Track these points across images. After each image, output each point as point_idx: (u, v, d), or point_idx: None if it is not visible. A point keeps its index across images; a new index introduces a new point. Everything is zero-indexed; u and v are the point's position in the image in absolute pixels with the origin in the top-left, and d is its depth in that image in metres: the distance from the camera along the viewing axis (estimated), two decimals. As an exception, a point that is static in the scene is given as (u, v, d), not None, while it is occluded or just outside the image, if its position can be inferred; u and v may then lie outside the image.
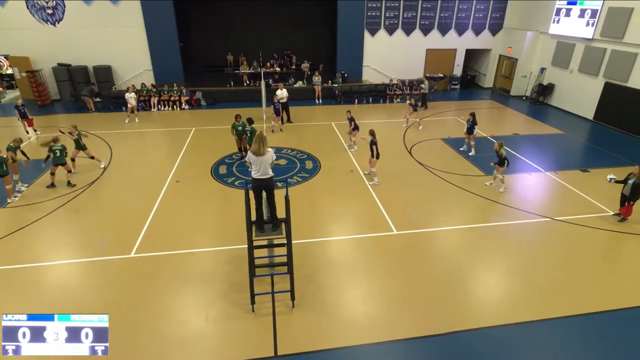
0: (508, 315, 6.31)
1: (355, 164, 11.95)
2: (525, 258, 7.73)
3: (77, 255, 7.75)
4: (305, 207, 9.33)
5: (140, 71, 19.06)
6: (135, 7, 17.85)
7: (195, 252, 7.80)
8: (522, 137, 14.62)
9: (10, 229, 8.47)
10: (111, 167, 11.62)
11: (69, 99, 18.15)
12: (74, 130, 10.97)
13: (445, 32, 20.98)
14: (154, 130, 15.41)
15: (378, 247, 8.05)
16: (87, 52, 18.21)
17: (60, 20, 17.67)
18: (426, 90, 17.89)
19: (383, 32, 20.51)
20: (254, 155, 6.25)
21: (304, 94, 19.22)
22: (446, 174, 11.29)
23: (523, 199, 10.01)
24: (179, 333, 5.92)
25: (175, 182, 10.67)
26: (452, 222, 9.00)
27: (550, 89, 18.91)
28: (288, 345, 5.73)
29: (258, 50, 20.17)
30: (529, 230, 8.68)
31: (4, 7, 17.03)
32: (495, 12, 20.92)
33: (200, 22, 21.46)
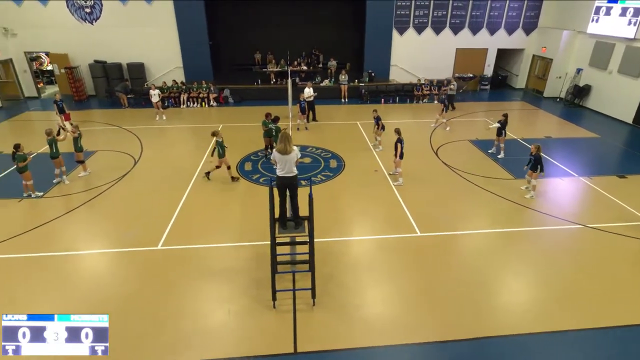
0: (532, 324, 6.10)
1: (380, 163, 11.86)
2: (553, 266, 7.45)
3: (106, 245, 8.06)
4: (328, 206, 9.34)
5: (171, 68, 19.57)
6: (168, 6, 18.34)
7: (219, 247, 7.95)
8: (554, 140, 14.11)
9: (46, 218, 8.88)
10: (141, 162, 11.98)
11: (104, 94, 18.87)
12: (76, 130, 10.80)
13: (477, 31, 20.50)
14: (183, 126, 15.79)
15: (400, 248, 7.96)
16: (122, 49, 18.87)
17: (98, 19, 18.38)
18: (454, 92, 17.52)
19: (412, 31, 20.25)
20: (279, 154, 6.30)
21: (330, 93, 19.23)
22: (473, 176, 11.03)
23: (554, 204, 9.66)
24: (201, 325, 6.04)
25: (202, 177, 10.89)
26: (478, 225, 8.80)
27: (587, 91, 18.14)
28: (308, 342, 5.75)
29: (286, 49, 20.32)
30: (559, 237, 8.37)
31: (46, 7, 17.85)
32: (529, 10, 20.26)
33: (230, 21, 21.80)
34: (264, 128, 11.93)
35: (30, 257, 7.58)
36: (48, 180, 10.43)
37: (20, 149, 9.37)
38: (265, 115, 11.95)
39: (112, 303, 6.43)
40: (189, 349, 5.65)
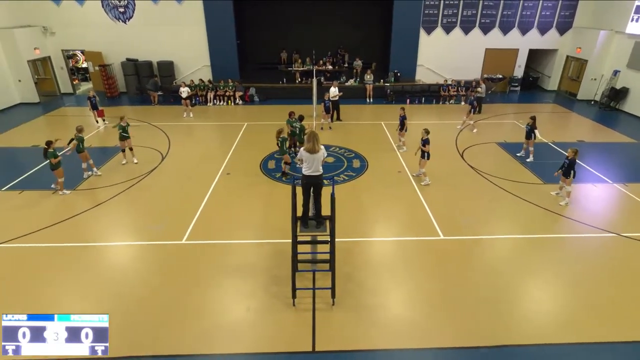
0: (558, 334, 5.89)
1: (403, 164, 11.73)
2: (583, 275, 7.17)
3: (133, 238, 8.31)
4: (350, 206, 9.31)
5: (199, 67, 19.95)
6: (197, 6, 18.71)
7: (241, 243, 8.06)
8: (588, 144, 13.56)
9: (76, 210, 9.22)
10: (168, 157, 12.28)
11: (134, 92, 19.45)
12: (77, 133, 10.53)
13: (507, 31, 19.94)
14: (209, 123, 16.08)
15: (423, 251, 7.85)
16: (152, 48, 19.38)
17: (131, 18, 18.96)
18: (483, 94, 16.99)
19: (440, 30, 19.90)
20: (307, 153, 6.32)
21: (355, 93, 19.15)
22: (500, 179, 10.75)
23: (586, 210, 9.29)
24: (221, 321, 6.14)
25: (226, 174, 11.07)
26: (503, 230, 8.57)
27: (624, 94, 17.35)
28: (326, 342, 5.75)
29: (311, 48, 20.37)
30: (591, 245, 8.05)
31: (82, 7, 18.56)
32: (564, 10, 19.54)
33: (257, 20, 22.05)
34: (290, 128, 11.96)
35: (59, 247, 7.90)
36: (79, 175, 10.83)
37: (52, 146, 9.45)
38: (289, 114, 12.01)
39: (136, 294, 6.63)
40: (209, 342, 5.75)
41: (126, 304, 6.40)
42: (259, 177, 11.00)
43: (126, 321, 6.04)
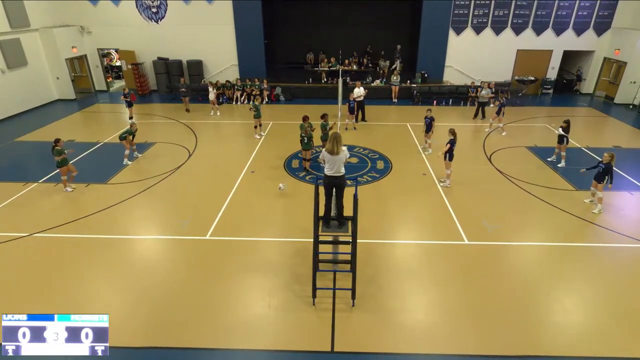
0: (588, 347, 5.67)
1: (428, 167, 11.55)
2: (615, 286, 6.86)
3: (159, 232, 8.54)
4: (373, 207, 9.25)
5: (227, 66, 20.28)
6: (227, 6, 19.03)
7: (263, 241, 8.15)
8: (624, 150, 12.95)
9: (106, 204, 9.55)
10: (195, 154, 12.55)
11: (164, 90, 19.98)
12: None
13: (541, 31, 19.29)
14: (235, 122, 16.33)
15: (446, 255, 7.70)
16: (183, 47, 19.84)
17: (163, 18, 19.48)
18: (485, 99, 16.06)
19: (470, 31, 19.47)
20: (328, 154, 6.33)
21: (380, 93, 19.02)
22: (529, 185, 10.43)
23: (621, 219, 8.88)
24: (242, 316, 6.22)
25: (250, 172, 11.21)
26: (531, 237, 8.31)
27: (666, 98, 16.50)
28: (345, 342, 5.74)
29: (338, 48, 20.35)
30: (625, 256, 7.69)
31: (118, 7, 19.22)
32: (602, 10, 18.72)
33: (284, 21, 22.21)
34: (323, 131, 11.76)
35: (87, 238, 8.21)
36: (114, 166, 11.25)
37: (59, 144, 9.78)
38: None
39: (162, 288, 6.81)
40: (230, 337, 5.84)
41: (151, 296, 6.58)
42: (283, 176, 11.06)
43: (150, 312, 6.22)
